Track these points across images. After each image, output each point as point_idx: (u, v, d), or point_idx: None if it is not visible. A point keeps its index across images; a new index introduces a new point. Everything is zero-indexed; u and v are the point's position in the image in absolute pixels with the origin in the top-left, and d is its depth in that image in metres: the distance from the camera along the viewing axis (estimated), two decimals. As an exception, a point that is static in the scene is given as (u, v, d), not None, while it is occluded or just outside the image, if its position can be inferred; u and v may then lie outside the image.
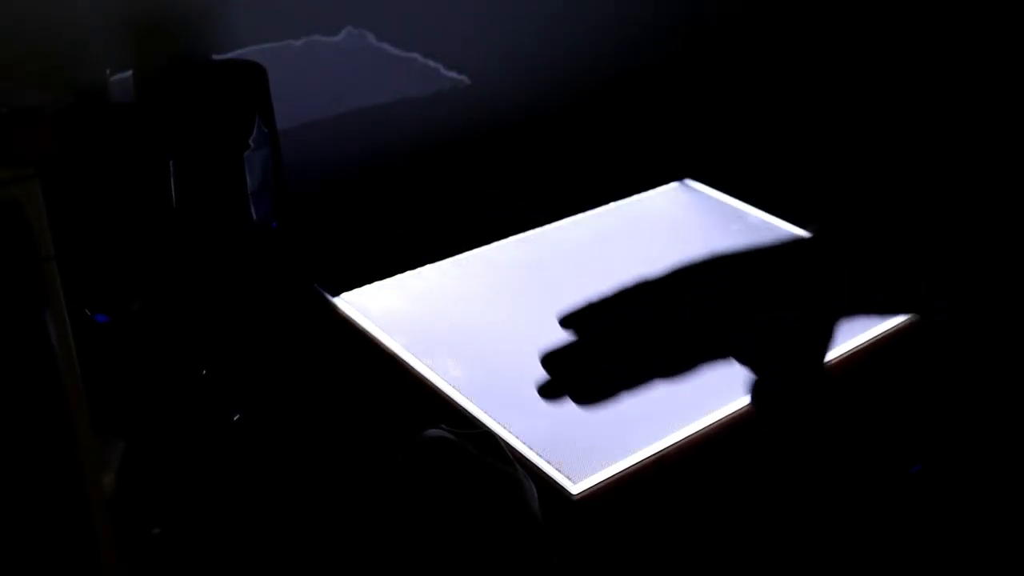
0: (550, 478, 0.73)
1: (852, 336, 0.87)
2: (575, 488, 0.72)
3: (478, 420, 0.78)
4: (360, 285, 0.94)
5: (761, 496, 0.73)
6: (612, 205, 1.08)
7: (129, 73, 0.91)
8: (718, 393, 0.81)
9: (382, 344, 0.87)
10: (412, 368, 0.84)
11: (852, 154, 1.23)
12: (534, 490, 0.64)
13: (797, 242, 0.57)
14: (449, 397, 0.81)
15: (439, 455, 0.63)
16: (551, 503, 0.68)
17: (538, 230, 1.03)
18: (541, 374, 0.58)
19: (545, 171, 1.16)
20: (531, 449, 0.75)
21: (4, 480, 0.54)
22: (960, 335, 0.89)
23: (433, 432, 0.65)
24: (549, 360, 0.59)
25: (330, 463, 0.75)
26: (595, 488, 0.73)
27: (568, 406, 0.79)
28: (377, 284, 0.95)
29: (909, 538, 0.76)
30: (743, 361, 0.56)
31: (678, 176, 1.13)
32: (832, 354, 0.85)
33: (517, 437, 0.76)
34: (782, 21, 1.35)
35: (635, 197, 1.10)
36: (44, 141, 0.50)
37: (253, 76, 0.88)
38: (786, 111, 1.30)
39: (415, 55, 1.09)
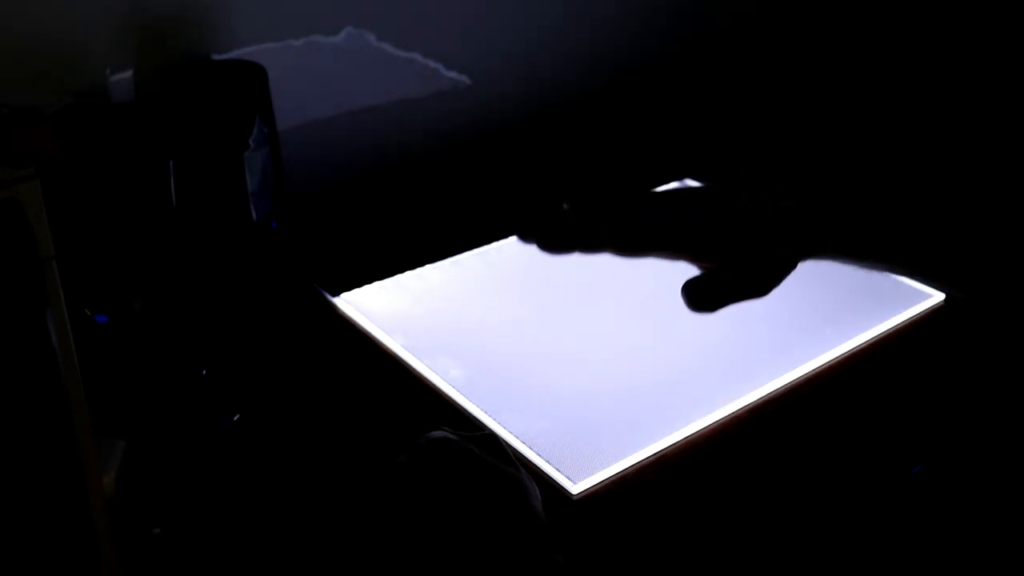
0: (550, 478, 0.73)
1: (850, 337, 0.87)
2: (575, 488, 0.72)
3: (478, 420, 0.78)
4: (360, 285, 0.94)
5: (761, 496, 0.73)
6: (612, 205, 1.08)
7: (129, 73, 0.91)
8: (718, 393, 0.81)
9: (382, 344, 0.87)
10: (412, 368, 0.84)
11: (852, 154, 1.23)
12: (537, 492, 0.64)
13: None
14: (449, 397, 0.81)
15: (442, 456, 0.63)
16: (551, 503, 0.68)
17: (538, 230, 1.03)
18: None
19: (545, 171, 1.16)
20: (531, 449, 0.75)
21: (5, 480, 0.54)
22: (958, 334, 0.89)
23: (436, 433, 0.65)
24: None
25: (331, 464, 0.75)
26: (595, 488, 0.73)
27: (568, 406, 0.79)
28: (377, 284, 0.95)
29: (909, 538, 0.76)
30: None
31: (678, 176, 1.13)
32: (831, 355, 0.85)
33: (517, 437, 0.76)
34: (783, 20, 1.35)
35: (635, 197, 1.09)
36: (44, 141, 0.50)
37: (253, 76, 0.88)
38: (787, 111, 1.30)
39: (415, 55, 1.09)
